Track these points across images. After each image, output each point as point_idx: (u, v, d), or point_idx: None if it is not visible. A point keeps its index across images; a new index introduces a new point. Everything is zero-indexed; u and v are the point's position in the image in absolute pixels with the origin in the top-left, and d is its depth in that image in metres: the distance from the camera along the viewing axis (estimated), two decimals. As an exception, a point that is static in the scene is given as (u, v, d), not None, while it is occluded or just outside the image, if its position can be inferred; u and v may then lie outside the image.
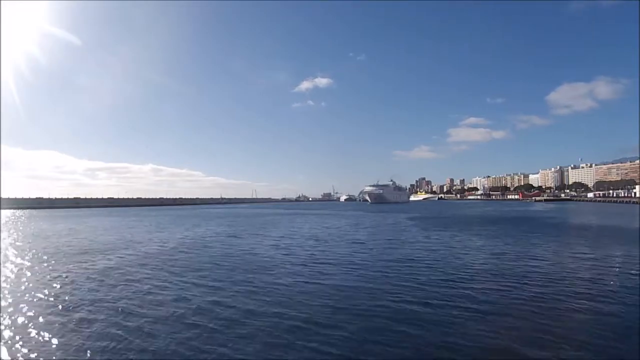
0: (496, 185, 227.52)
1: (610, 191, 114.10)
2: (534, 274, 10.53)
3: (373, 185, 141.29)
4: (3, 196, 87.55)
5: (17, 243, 19.59)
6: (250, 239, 20.80)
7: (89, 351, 5.53)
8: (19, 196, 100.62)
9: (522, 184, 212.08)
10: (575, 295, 8.26)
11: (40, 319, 6.93)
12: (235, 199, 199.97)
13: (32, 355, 5.44)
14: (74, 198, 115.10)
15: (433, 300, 7.96)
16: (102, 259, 14.13)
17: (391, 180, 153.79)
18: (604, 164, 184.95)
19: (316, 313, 7.19)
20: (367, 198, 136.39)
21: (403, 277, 10.29)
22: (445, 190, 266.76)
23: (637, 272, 10.43)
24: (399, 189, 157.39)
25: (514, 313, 7.09)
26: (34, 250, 16.38)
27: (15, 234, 25.41)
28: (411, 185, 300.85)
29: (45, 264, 12.96)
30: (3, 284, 9.87)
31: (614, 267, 11.56)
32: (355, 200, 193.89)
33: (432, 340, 5.86)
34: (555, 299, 8.03)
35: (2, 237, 22.10)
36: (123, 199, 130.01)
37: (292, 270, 11.58)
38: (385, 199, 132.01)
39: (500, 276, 10.36)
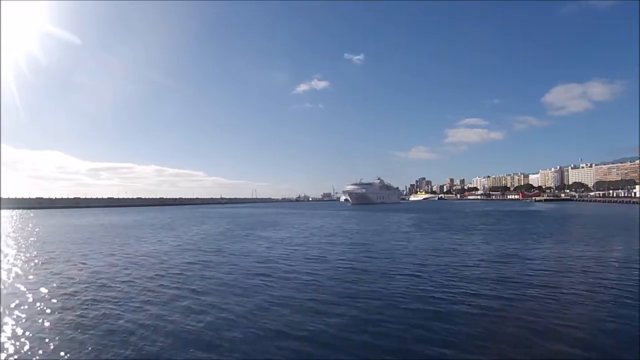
0: (496, 185, 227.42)
1: (610, 191, 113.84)
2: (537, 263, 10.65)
3: (355, 184, 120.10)
4: (4, 196, 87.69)
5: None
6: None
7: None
8: (20, 196, 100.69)
9: (522, 184, 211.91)
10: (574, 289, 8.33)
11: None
12: (235, 199, 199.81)
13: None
14: (74, 198, 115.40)
15: (429, 294, 8.05)
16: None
17: (378, 179, 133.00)
18: (604, 164, 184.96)
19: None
20: (348, 198, 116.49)
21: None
22: (445, 190, 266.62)
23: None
24: (387, 187, 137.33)
25: (515, 311, 7.01)
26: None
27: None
28: (411, 185, 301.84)
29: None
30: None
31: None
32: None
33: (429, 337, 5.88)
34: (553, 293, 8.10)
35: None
36: (123, 199, 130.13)
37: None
38: (370, 200, 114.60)
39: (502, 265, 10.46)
